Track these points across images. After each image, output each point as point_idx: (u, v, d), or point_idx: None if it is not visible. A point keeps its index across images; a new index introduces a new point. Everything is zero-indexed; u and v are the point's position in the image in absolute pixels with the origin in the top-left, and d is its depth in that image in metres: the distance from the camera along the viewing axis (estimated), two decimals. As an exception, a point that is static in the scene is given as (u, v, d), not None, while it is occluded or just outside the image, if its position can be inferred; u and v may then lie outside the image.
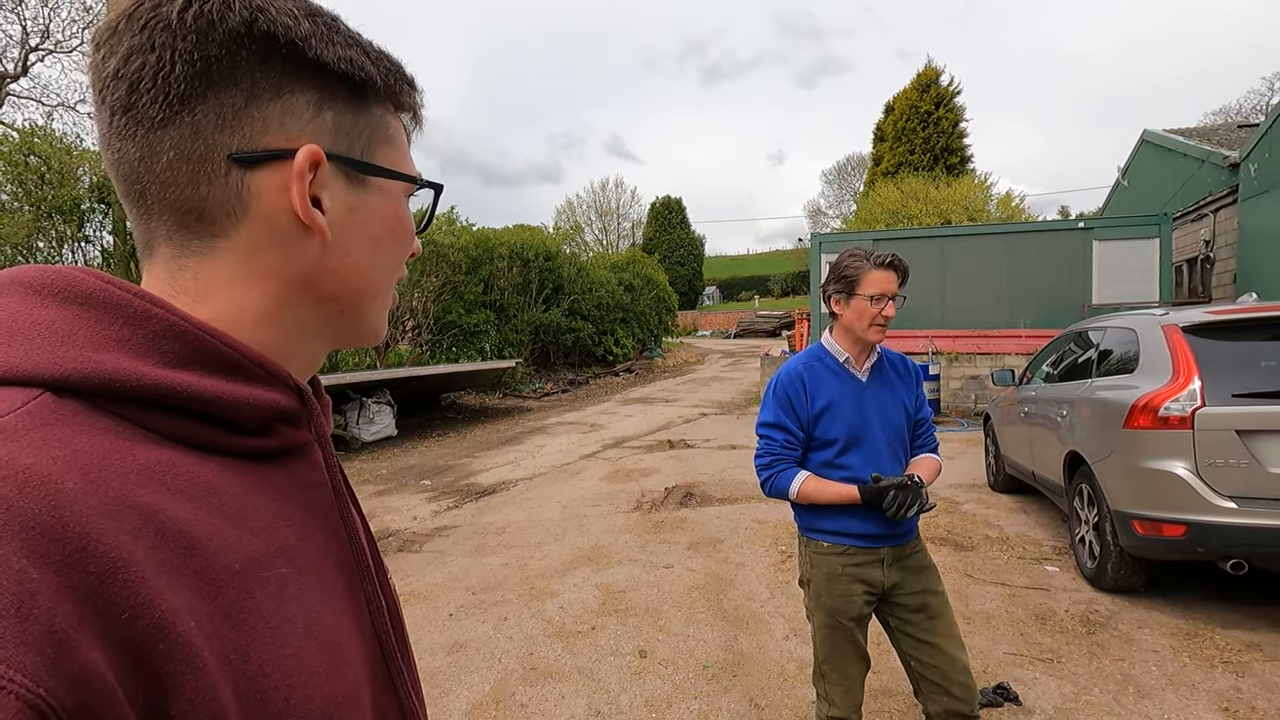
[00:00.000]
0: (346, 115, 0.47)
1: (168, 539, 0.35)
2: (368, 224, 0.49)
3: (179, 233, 0.44)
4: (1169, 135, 14.68)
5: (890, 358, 2.08)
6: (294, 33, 0.43)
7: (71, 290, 0.39)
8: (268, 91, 0.43)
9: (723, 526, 5.12)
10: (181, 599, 0.34)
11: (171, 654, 0.33)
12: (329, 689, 0.41)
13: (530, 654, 3.25)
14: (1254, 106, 29.80)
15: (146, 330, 0.40)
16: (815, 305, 12.72)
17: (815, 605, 2.02)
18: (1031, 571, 4.11)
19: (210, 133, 0.42)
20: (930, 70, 31.63)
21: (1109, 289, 10.81)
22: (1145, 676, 2.91)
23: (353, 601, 0.48)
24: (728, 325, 40.49)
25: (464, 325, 13.76)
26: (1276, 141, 9.88)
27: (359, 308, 0.50)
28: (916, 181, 25.84)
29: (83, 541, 0.31)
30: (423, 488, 6.73)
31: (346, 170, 0.47)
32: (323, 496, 0.48)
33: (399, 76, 0.50)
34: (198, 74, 0.41)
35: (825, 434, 1.96)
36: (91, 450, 0.35)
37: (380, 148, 0.49)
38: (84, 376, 0.37)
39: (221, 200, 0.43)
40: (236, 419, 0.42)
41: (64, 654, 0.29)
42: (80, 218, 9.11)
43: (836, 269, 1.98)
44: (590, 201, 47.45)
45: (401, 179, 0.51)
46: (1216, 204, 12.19)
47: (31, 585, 0.29)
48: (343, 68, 0.46)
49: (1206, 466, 3.21)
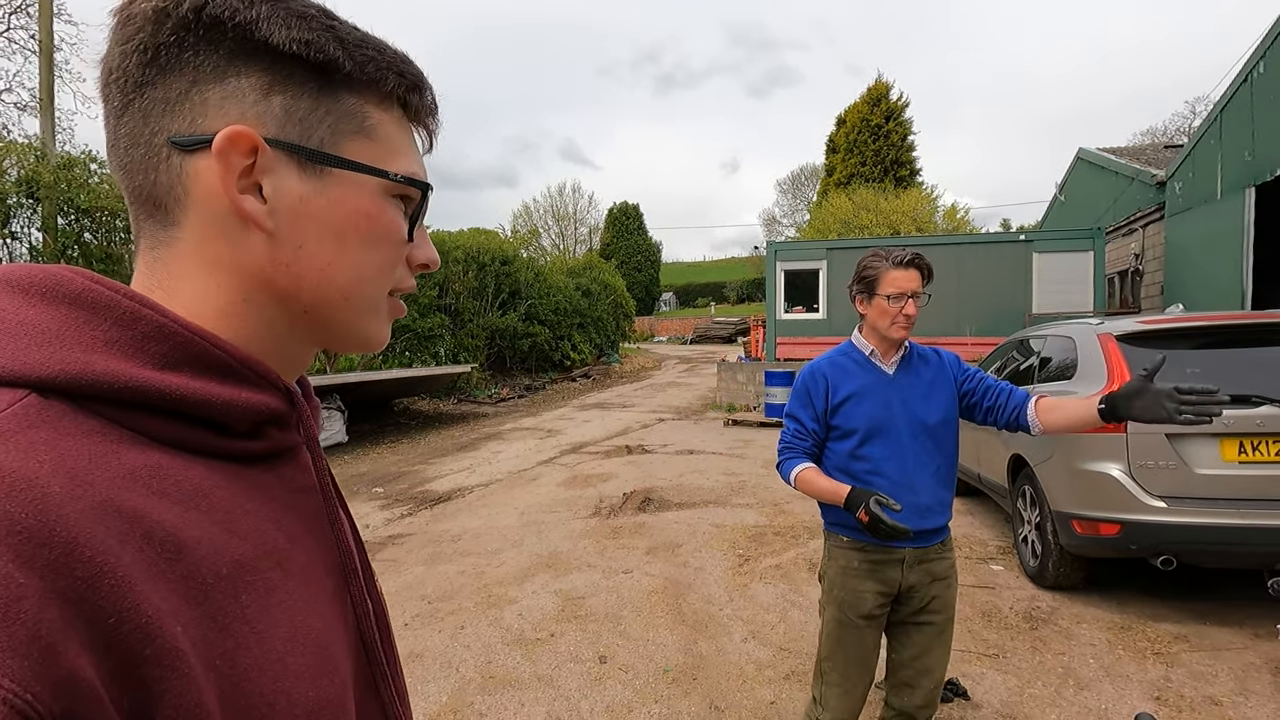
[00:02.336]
0: (303, 101, 0.44)
1: (154, 543, 0.35)
2: (325, 218, 0.45)
3: (149, 222, 0.44)
4: (1102, 154, 15.44)
5: (921, 352, 2.05)
6: (241, 15, 0.42)
7: (59, 290, 0.39)
8: (211, 75, 0.43)
9: (681, 531, 5.14)
10: (168, 603, 0.34)
11: (158, 659, 0.33)
12: (314, 693, 0.41)
13: (488, 662, 3.21)
14: (1178, 129, 31.68)
15: (136, 331, 0.39)
16: (770, 312, 12.93)
17: (828, 598, 2.02)
18: (978, 571, 4.26)
19: (157, 117, 0.42)
20: (880, 85, 32.64)
21: (1048, 299, 11.30)
22: (1084, 669, 3.04)
23: (340, 605, 0.47)
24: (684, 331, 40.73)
25: (418, 329, 13.51)
26: (1199, 162, 10.50)
27: (325, 309, 0.47)
28: (868, 192, 26.58)
29: (69, 545, 0.31)
30: (375, 495, 6.57)
31: (298, 160, 0.44)
32: (311, 499, 0.48)
33: (382, 65, 0.47)
34: (148, 61, 0.42)
35: (846, 423, 1.95)
36: (78, 453, 0.35)
37: (350, 138, 0.46)
38: (71, 378, 0.36)
39: (168, 186, 0.43)
40: (226, 421, 0.42)
41: (50, 659, 0.29)
42: (6, 213, 8.62)
43: (859, 269, 2.01)
44: (547, 206, 47.16)
45: (365, 171, 0.46)
46: (1146, 219, 12.87)
47: (18, 590, 0.29)
48: (293, 48, 0.43)
49: (1139, 468, 3.39)
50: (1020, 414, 1.91)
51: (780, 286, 12.83)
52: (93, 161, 9.37)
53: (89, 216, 9.10)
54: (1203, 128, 10.36)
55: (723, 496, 6.14)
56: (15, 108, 14.72)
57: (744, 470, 7.26)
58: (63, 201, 8.79)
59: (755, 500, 5.96)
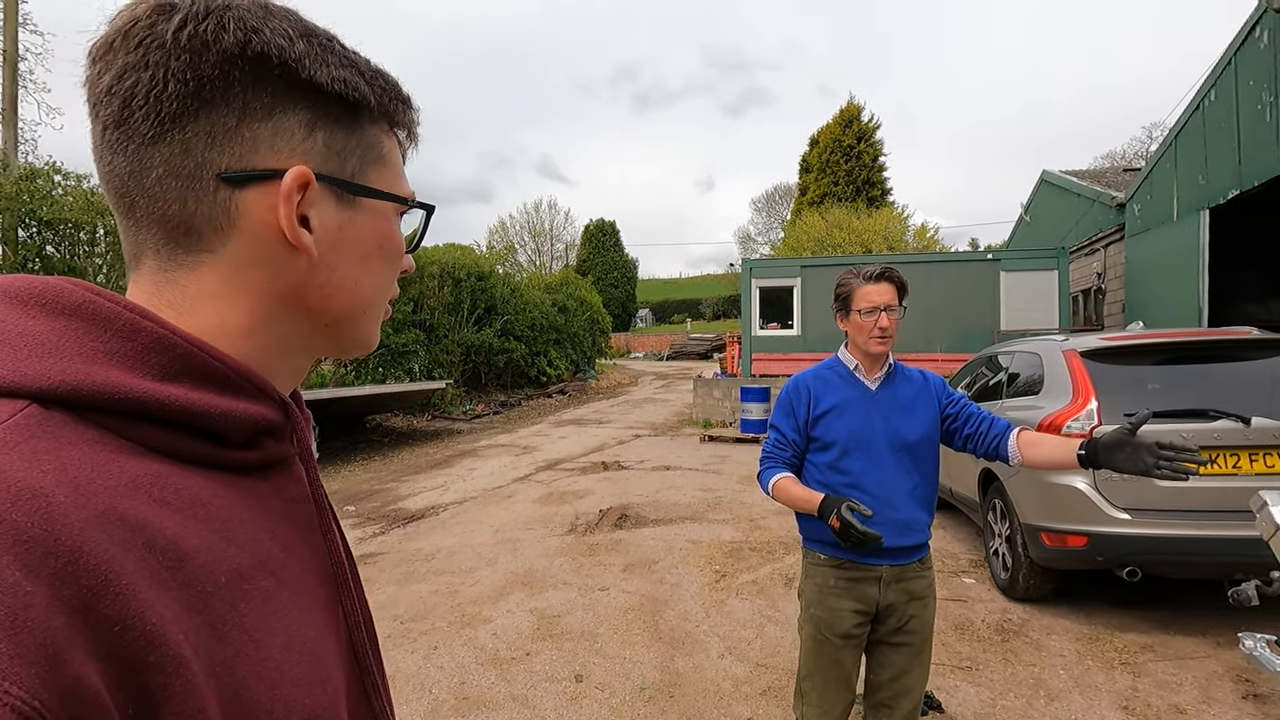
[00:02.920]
0: (339, 136, 0.47)
1: (156, 551, 0.35)
2: (357, 242, 0.49)
3: (166, 245, 0.44)
4: (1065, 176, 15.94)
5: (906, 372, 2.07)
6: (288, 54, 0.44)
7: (59, 301, 0.39)
8: (259, 112, 0.44)
9: (657, 548, 5.13)
10: (171, 611, 0.34)
11: (161, 666, 0.33)
12: (310, 701, 0.41)
13: (462, 683, 3.15)
14: (1136, 153, 32.81)
15: (136, 343, 0.40)
16: (746, 328, 13.04)
17: (805, 616, 2.02)
18: (950, 584, 4.31)
19: (200, 151, 0.42)
20: (852, 106, 33.35)
21: (1015, 316, 11.58)
22: (1054, 680, 3.09)
23: (332, 614, 0.48)
24: (661, 347, 40.82)
25: (391, 345, 13.35)
26: (1156, 185, 10.90)
27: (347, 322, 0.51)
28: (840, 212, 27.04)
29: (75, 554, 0.31)
30: (347, 514, 6.45)
31: (336, 191, 0.47)
32: (304, 509, 0.49)
33: (394, 95, 0.51)
34: (190, 93, 0.42)
35: (825, 434, 1.97)
36: (81, 462, 0.35)
37: (372, 167, 0.50)
38: (71, 388, 0.37)
39: (209, 217, 0.43)
40: (223, 432, 0.43)
41: (57, 666, 0.29)
42: (-37, 225, 8.38)
43: (836, 289, 2.06)
44: (524, 222, 47.08)
45: (393, 200, 0.51)
46: (1107, 240, 13.29)
47: (25, 598, 0.29)
48: (336, 89, 0.46)
49: (1104, 481, 3.47)
50: (1001, 444, 1.93)
51: (755, 303, 12.96)
52: (56, 173, 9.17)
53: (51, 229, 8.88)
54: (1159, 152, 10.77)
55: (699, 512, 6.14)
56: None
57: (720, 486, 7.27)
58: (24, 213, 8.57)
59: (731, 516, 5.97)
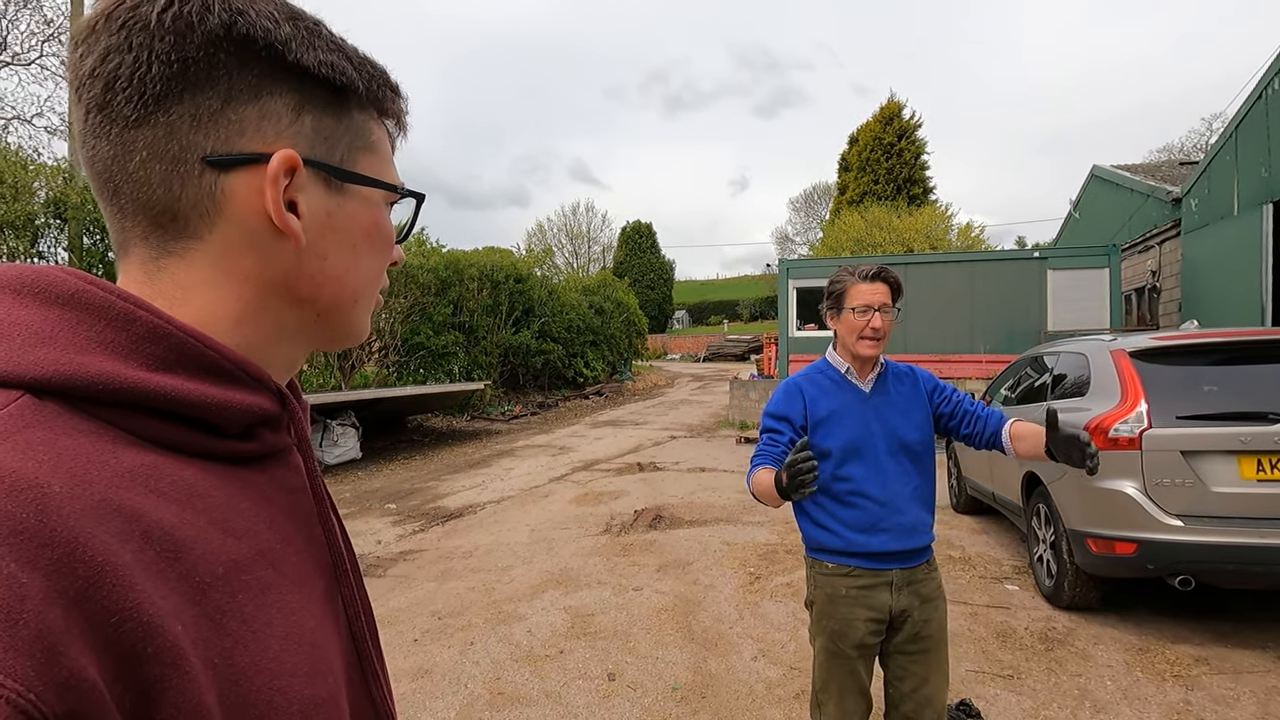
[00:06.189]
0: (327, 120, 0.46)
1: (153, 542, 0.35)
2: (346, 230, 0.48)
3: (154, 233, 0.44)
4: (1116, 171, 15.35)
5: (896, 369, 2.06)
6: (273, 36, 0.43)
7: (53, 291, 0.38)
8: (245, 94, 0.43)
9: (692, 549, 5.12)
10: (168, 602, 0.34)
11: (159, 658, 0.33)
12: (309, 692, 0.41)
13: (497, 679, 3.20)
14: (1194, 145, 31.46)
15: (130, 333, 0.39)
16: (783, 329, 12.91)
17: (817, 628, 1.98)
18: (993, 590, 4.20)
19: (185, 133, 0.42)
20: (892, 104, 32.76)
21: (1063, 316, 11.19)
22: (1101, 691, 2.99)
23: (331, 605, 0.48)
24: (697, 349, 40.64)
25: (432, 347, 13.61)
26: (1215, 178, 10.43)
27: (337, 311, 0.50)
28: (880, 211, 26.57)
29: (71, 545, 0.31)
30: (387, 511, 6.60)
31: (325, 176, 0.47)
32: (302, 500, 0.48)
33: (382, 82, 0.50)
34: (174, 75, 0.41)
35: (822, 443, 1.93)
36: (75, 453, 0.34)
37: (361, 154, 0.49)
38: (65, 378, 0.36)
39: (194, 201, 0.43)
40: (219, 422, 0.42)
41: (54, 658, 0.29)
42: (34, 233, 8.85)
43: (827, 286, 2.02)
44: (561, 225, 47.55)
45: (382, 187, 0.50)
46: (1162, 236, 12.76)
47: (21, 589, 0.29)
48: (323, 72, 0.45)
49: (1154, 486, 3.34)
50: (996, 438, 1.97)
51: (792, 304, 12.81)
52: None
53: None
54: (1218, 144, 10.29)
55: (734, 514, 6.11)
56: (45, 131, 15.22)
57: (756, 488, 7.22)
58: (89, 222, 9.02)
59: (766, 518, 5.93)
